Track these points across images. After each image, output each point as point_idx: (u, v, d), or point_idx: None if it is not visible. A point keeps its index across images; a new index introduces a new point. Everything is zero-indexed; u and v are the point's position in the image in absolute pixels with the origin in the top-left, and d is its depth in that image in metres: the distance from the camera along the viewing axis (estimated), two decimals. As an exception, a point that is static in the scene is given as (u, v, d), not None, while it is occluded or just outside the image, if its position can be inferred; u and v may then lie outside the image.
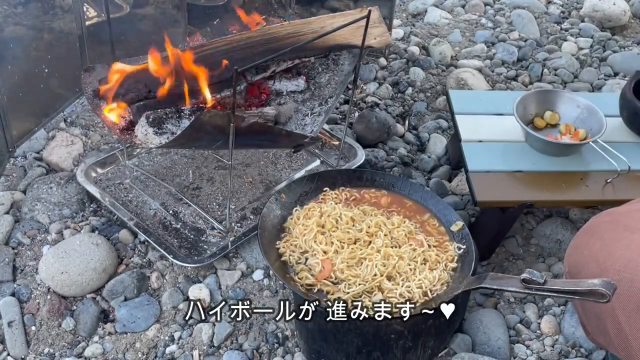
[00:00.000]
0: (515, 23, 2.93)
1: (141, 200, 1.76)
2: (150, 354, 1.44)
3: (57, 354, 1.43)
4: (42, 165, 1.89)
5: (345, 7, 2.41)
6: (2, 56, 1.65)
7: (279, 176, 1.88)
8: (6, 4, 1.67)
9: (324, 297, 1.31)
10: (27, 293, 1.53)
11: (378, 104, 2.31)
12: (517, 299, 1.61)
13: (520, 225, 1.83)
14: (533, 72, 2.55)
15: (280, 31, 1.69)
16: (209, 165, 1.88)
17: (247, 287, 1.58)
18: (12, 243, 1.64)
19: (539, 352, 1.47)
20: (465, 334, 1.49)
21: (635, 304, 1.10)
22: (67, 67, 1.87)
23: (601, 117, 1.70)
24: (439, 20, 2.94)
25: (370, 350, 1.33)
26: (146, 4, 2.14)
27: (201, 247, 1.63)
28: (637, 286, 1.11)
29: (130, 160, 1.87)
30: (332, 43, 1.73)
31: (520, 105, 1.73)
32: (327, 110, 1.74)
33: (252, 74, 1.71)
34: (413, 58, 2.58)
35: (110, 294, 1.54)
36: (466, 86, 2.34)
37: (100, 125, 2.05)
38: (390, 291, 1.31)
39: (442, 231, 1.48)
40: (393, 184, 1.58)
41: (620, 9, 2.91)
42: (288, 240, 1.43)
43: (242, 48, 1.65)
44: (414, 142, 2.16)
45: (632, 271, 1.13)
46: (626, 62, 2.63)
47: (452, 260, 1.40)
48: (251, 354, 1.44)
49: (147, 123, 1.54)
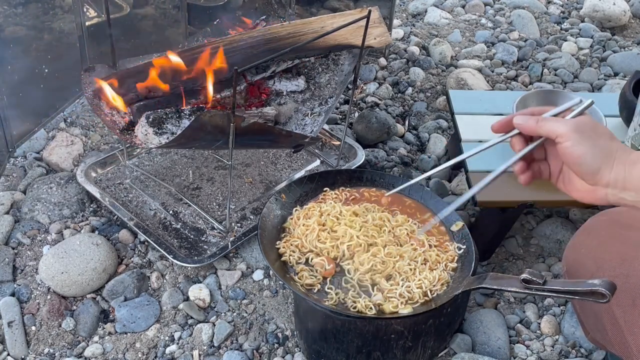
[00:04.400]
0: (515, 23, 2.93)
1: (141, 200, 1.76)
2: (150, 354, 1.44)
3: (57, 354, 1.43)
4: (42, 166, 1.89)
5: (345, 7, 2.41)
6: (2, 56, 1.65)
7: (279, 176, 1.88)
8: (6, 4, 1.67)
9: (325, 297, 1.31)
10: (27, 293, 1.53)
11: (378, 104, 2.31)
12: (517, 299, 1.61)
13: (520, 225, 1.83)
14: (533, 72, 2.56)
15: (280, 31, 1.69)
16: (209, 165, 1.88)
17: (247, 287, 1.59)
18: (12, 243, 1.64)
19: (539, 352, 1.47)
20: (465, 334, 1.49)
21: (631, 299, 1.10)
22: (67, 67, 1.87)
23: (601, 117, 1.70)
24: (439, 20, 2.94)
25: (370, 350, 1.33)
26: (146, 4, 2.14)
27: (201, 247, 1.63)
28: (632, 282, 1.11)
29: (130, 160, 1.87)
30: (332, 43, 1.73)
31: (520, 105, 1.73)
32: (327, 110, 1.74)
33: (252, 74, 1.71)
34: (413, 58, 2.58)
35: (110, 294, 1.54)
36: (466, 86, 2.34)
37: (100, 125, 2.05)
38: (390, 291, 1.31)
39: (442, 231, 1.48)
40: (393, 184, 1.58)
41: (620, 9, 2.91)
42: (288, 240, 1.43)
43: (242, 48, 1.65)
44: (414, 142, 2.16)
45: (628, 267, 1.14)
46: (626, 62, 2.63)
47: (453, 260, 1.40)
48: (251, 354, 1.44)
49: (147, 123, 1.54)
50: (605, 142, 0.93)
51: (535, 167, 1.01)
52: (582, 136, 0.92)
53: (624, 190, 0.91)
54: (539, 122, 0.96)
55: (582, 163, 0.92)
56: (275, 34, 1.69)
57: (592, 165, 0.91)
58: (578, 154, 0.91)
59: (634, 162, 0.91)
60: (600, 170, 0.91)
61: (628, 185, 0.90)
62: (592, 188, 0.94)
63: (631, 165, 0.91)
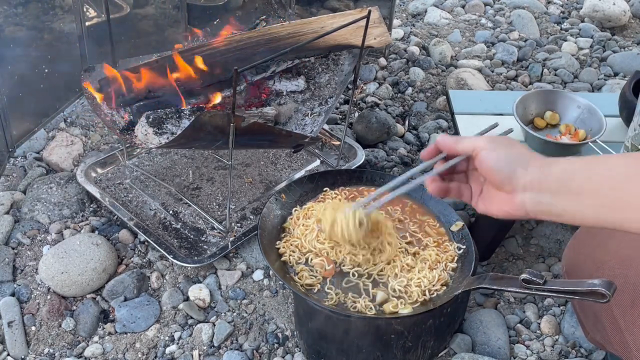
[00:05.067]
0: (515, 23, 2.93)
1: (141, 200, 1.76)
2: (150, 354, 1.44)
3: (57, 354, 1.43)
4: (42, 166, 1.89)
5: (345, 7, 2.41)
6: (2, 56, 1.65)
7: (279, 176, 1.88)
8: (6, 4, 1.67)
9: (325, 297, 1.31)
10: (27, 293, 1.53)
11: (378, 104, 2.31)
12: (517, 299, 1.61)
13: (520, 225, 1.83)
14: (533, 72, 2.56)
15: (280, 31, 1.69)
16: (209, 165, 1.88)
17: (247, 287, 1.59)
18: (12, 243, 1.64)
19: (539, 352, 1.47)
20: (465, 334, 1.49)
21: (630, 299, 1.11)
22: (67, 67, 1.87)
23: (601, 117, 1.69)
24: (439, 20, 2.94)
25: (370, 350, 1.33)
26: (146, 4, 2.14)
27: (201, 247, 1.63)
28: (631, 282, 1.11)
29: (130, 160, 1.87)
30: (332, 43, 1.73)
31: (520, 105, 1.73)
32: (327, 110, 1.74)
33: (252, 74, 1.71)
34: (413, 58, 2.58)
35: (110, 294, 1.54)
36: (466, 86, 2.34)
37: (100, 125, 2.05)
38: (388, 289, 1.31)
39: (442, 232, 1.48)
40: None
41: (620, 9, 2.91)
42: (288, 241, 1.44)
43: (242, 48, 1.66)
44: (414, 142, 2.16)
45: (628, 267, 1.14)
46: (626, 62, 2.63)
47: (452, 260, 1.40)
48: (251, 354, 1.44)
49: (147, 123, 1.54)
50: (520, 149, 0.97)
51: (454, 186, 1.07)
52: (497, 145, 0.98)
53: (540, 192, 0.92)
54: (457, 140, 1.03)
55: (498, 167, 0.95)
56: (275, 34, 1.69)
57: (507, 167, 0.94)
58: (493, 158, 0.96)
59: (549, 164, 0.93)
60: (516, 172, 0.93)
61: (544, 185, 0.91)
62: (510, 197, 0.95)
63: (547, 166, 0.92)
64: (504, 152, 0.96)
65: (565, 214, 0.91)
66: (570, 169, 0.91)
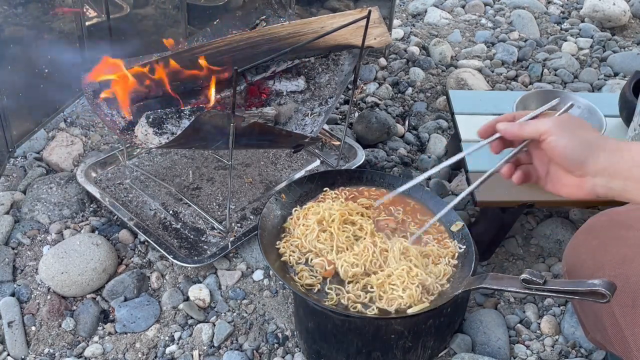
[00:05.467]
0: (515, 23, 2.93)
1: (141, 201, 1.76)
2: (150, 354, 1.44)
3: (57, 354, 1.43)
4: (42, 166, 1.89)
5: (345, 7, 2.41)
6: (2, 56, 1.65)
7: (279, 176, 1.88)
8: (6, 4, 1.66)
9: (324, 297, 1.31)
10: (27, 293, 1.53)
11: (378, 104, 2.31)
12: (517, 299, 1.61)
13: (520, 225, 1.83)
14: (533, 72, 2.56)
15: (280, 31, 1.69)
16: (209, 165, 1.88)
17: (247, 287, 1.58)
18: (12, 243, 1.64)
19: (539, 352, 1.47)
20: (465, 334, 1.49)
21: (631, 299, 1.11)
22: (67, 67, 1.87)
23: (601, 117, 1.70)
24: (439, 20, 2.94)
25: (370, 350, 1.33)
26: (146, 4, 2.14)
27: (201, 247, 1.63)
28: (632, 282, 1.11)
29: (130, 160, 1.87)
30: (332, 43, 1.73)
31: (520, 105, 1.73)
32: (327, 111, 1.74)
33: (252, 74, 1.71)
34: (413, 58, 2.58)
35: (110, 294, 1.54)
36: (466, 86, 2.34)
37: (100, 125, 2.05)
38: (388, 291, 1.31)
39: (442, 230, 1.48)
40: (393, 184, 1.58)
41: (620, 9, 2.91)
42: (288, 241, 1.43)
43: (242, 48, 1.66)
44: (414, 142, 2.16)
45: (628, 267, 1.14)
46: (626, 62, 2.63)
47: (453, 256, 1.41)
48: (251, 354, 1.44)
49: (147, 123, 1.54)
50: (588, 133, 0.95)
51: (524, 169, 1.04)
52: (565, 129, 0.94)
53: (611, 178, 0.91)
54: (521, 126, 0.99)
55: (568, 154, 0.93)
56: (275, 34, 1.69)
57: (578, 155, 0.93)
58: (563, 144, 0.93)
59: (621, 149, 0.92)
60: (587, 159, 0.92)
61: (616, 171, 0.91)
62: (580, 181, 0.94)
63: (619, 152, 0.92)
64: (572, 137, 0.93)
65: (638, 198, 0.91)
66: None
